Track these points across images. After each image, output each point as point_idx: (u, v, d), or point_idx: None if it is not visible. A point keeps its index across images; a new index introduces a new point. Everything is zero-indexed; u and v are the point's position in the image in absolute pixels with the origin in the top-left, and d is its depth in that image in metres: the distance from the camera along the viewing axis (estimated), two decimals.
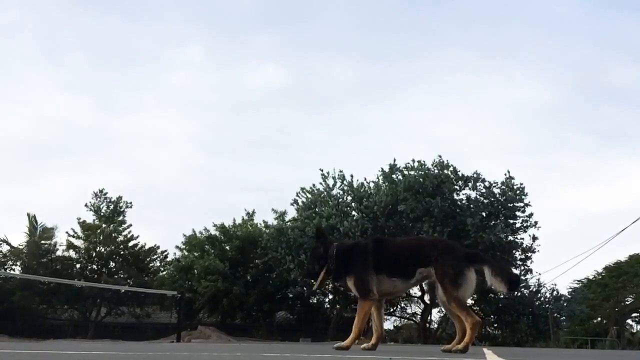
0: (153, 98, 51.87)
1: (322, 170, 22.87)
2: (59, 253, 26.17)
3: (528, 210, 21.58)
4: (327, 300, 26.61)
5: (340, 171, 22.78)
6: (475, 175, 21.76)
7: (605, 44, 54.82)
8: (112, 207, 27.16)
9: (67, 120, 48.57)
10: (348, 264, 4.99)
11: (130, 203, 27.45)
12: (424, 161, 21.77)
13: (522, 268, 22.52)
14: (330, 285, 23.65)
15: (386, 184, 21.89)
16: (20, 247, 26.28)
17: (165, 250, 27.43)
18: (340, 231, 20.50)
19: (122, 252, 26.28)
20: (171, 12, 53.55)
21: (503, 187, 21.55)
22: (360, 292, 4.77)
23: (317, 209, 21.98)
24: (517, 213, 21.63)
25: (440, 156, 21.74)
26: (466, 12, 53.44)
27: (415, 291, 24.53)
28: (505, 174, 21.73)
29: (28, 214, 26.98)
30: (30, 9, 49.35)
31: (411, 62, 52.70)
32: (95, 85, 50.46)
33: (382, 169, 22.28)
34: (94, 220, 26.75)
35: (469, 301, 24.59)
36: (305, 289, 22.48)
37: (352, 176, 22.60)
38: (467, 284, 4.63)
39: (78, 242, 25.99)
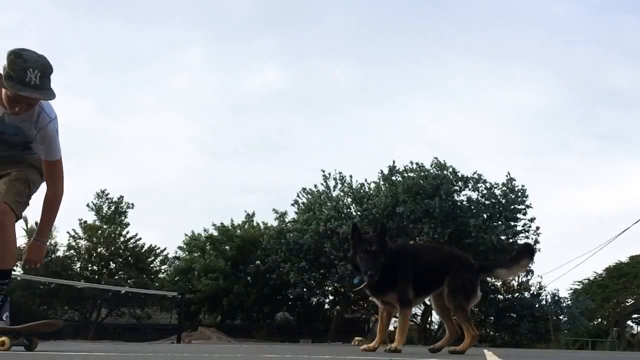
0: (154, 100, 51.91)
1: (323, 171, 22.93)
2: (59, 254, 26.23)
3: (530, 213, 21.64)
4: (327, 301, 26.65)
5: (340, 173, 22.84)
6: (476, 176, 21.81)
7: (604, 47, 54.86)
8: (113, 207, 27.23)
9: (68, 122, 48.54)
10: (394, 271, 4.43)
11: (132, 204, 27.52)
12: (422, 163, 21.83)
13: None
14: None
15: (386, 185, 21.93)
16: (20, 247, 26.34)
17: (165, 249, 27.54)
18: (339, 234, 20.53)
19: (122, 253, 26.34)
20: (172, 14, 53.65)
21: (504, 188, 21.59)
22: (404, 301, 4.48)
23: (316, 212, 21.99)
24: (519, 215, 21.68)
25: (436, 158, 21.81)
26: (466, 14, 53.50)
27: None
28: (506, 175, 21.80)
29: (25, 219, 26.97)
30: (32, 12, 49.47)
31: (411, 64, 52.74)
32: (96, 88, 50.54)
33: (381, 171, 22.34)
34: (94, 221, 26.81)
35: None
36: (305, 290, 22.50)
37: (351, 177, 22.64)
38: (476, 299, 4.80)
39: (79, 243, 26.07)
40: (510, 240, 21.47)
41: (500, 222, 21.19)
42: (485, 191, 21.71)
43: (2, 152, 3.40)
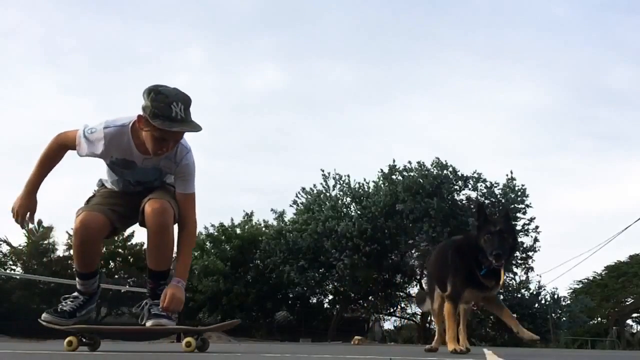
0: None
1: (323, 171, 22.97)
2: (58, 253, 26.22)
3: (530, 213, 21.66)
4: (327, 300, 26.66)
5: (337, 173, 22.88)
6: (476, 175, 21.83)
7: (604, 47, 54.88)
8: None
9: (68, 122, 48.66)
10: None
11: None
12: (422, 162, 21.86)
13: (524, 267, 22.64)
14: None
15: (386, 184, 21.95)
16: (20, 247, 26.33)
17: None
18: (337, 232, 20.55)
19: (121, 252, 26.34)
20: (171, 14, 53.66)
21: (504, 188, 21.61)
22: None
23: (315, 211, 21.99)
24: (518, 214, 21.70)
25: (437, 157, 21.84)
26: (466, 14, 53.48)
27: (416, 291, 24.58)
28: (508, 175, 21.82)
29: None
30: (31, 11, 49.41)
31: (411, 64, 52.73)
32: (96, 87, 50.53)
33: (381, 169, 22.35)
34: None
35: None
36: (305, 289, 22.51)
37: (348, 176, 22.66)
38: None
39: None
40: None
41: None
42: (485, 190, 21.73)
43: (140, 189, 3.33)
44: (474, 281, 3.80)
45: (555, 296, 23.75)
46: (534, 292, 23.19)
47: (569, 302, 25.47)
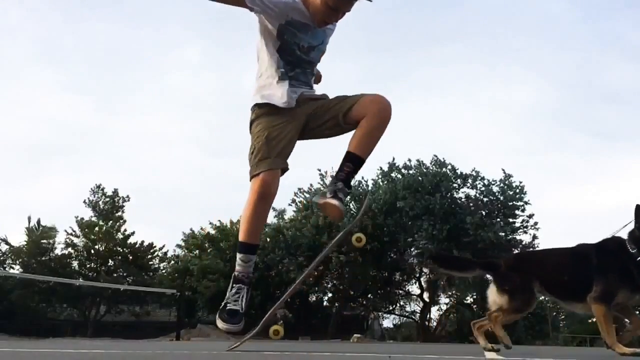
0: (152, 98, 51.83)
1: (320, 170, 23.00)
2: (57, 252, 26.21)
3: (528, 210, 21.67)
4: (326, 298, 26.66)
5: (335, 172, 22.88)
6: (474, 174, 21.84)
7: (601, 45, 54.88)
8: (109, 202, 27.20)
9: (66, 121, 48.50)
10: None
11: (128, 197, 27.52)
12: (422, 160, 21.88)
13: None
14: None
15: (385, 182, 21.96)
16: (20, 246, 26.32)
17: (164, 247, 27.49)
18: (339, 227, 20.55)
19: (121, 250, 26.32)
20: (170, 12, 53.59)
21: (502, 185, 21.62)
22: None
23: (314, 209, 22.00)
24: (517, 212, 21.71)
25: (436, 155, 21.86)
26: (465, 13, 53.47)
27: (415, 289, 24.66)
28: (503, 172, 21.83)
29: (29, 218, 26.95)
30: (30, 10, 49.32)
31: (409, 62, 52.75)
32: (95, 86, 50.41)
33: (380, 167, 22.36)
34: (90, 217, 26.79)
35: (469, 299, 24.25)
36: (304, 287, 22.51)
37: None
38: None
39: (76, 241, 26.05)
40: (509, 237, 21.53)
41: (498, 219, 21.22)
42: (483, 188, 21.75)
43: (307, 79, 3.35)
44: (629, 283, 3.57)
45: None
46: None
47: None
